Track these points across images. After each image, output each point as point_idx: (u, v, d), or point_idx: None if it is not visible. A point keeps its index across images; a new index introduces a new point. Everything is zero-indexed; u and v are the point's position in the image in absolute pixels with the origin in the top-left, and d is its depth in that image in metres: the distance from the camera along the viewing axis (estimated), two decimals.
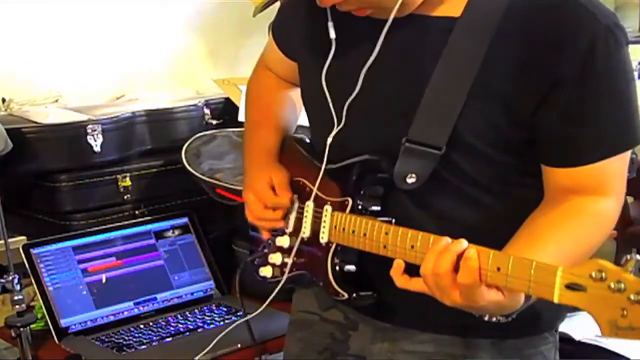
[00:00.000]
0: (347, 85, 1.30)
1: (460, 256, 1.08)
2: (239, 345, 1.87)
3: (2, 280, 1.83)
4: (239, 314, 2.02)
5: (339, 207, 1.32)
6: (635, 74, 1.27)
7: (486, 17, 1.20)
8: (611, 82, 1.19)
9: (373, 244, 1.23)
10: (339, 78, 1.33)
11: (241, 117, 2.34)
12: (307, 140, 1.51)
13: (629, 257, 0.96)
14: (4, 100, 2.38)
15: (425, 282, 1.12)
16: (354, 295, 1.32)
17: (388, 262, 1.20)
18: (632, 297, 0.93)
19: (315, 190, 1.38)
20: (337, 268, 1.32)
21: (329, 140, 1.34)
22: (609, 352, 1.93)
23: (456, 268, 1.08)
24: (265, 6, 3.04)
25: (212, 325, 2.01)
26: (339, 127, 1.33)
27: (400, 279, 1.15)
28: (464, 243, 1.09)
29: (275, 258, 1.43)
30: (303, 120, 1.55)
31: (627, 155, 1.23)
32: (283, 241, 1.42)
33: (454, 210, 1.27)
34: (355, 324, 1.44)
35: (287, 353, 1.57)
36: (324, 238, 1.34)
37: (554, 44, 1.17)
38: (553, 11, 1.18)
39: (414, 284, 1.14)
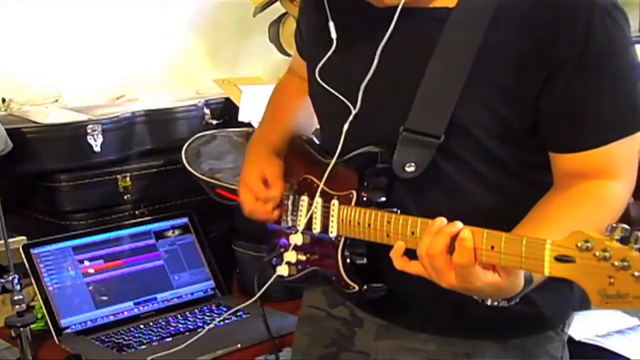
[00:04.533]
0: (356, 73, 1.31)
1: (454, 237, 1.09)
2: (239, 345, 1.87)
3: (2, 280, 1.83)
4: (238, 314, 2.03)
5: (345, 201, 1.34)
6: None
7: (481, 5, 1.21)
8: (612, 64, 1.19)
9: (377, 234, 1.25)
10: (347, 66, 1.34)
11: (241, 117, 2.34)
12: (317, 141, 1.52)
13: (614, 225, 0.97)
14: (4, 100, 2.38)
15: (421, 264, 1.13)
16: (365, 287, 1.33)
17: None
18: (616, 263, 0.94)
19: (320, 183, 1.39)
20: (348, 260, 1.34)
21: (345, 127, 1.34)
22: (609, 352, 1.93)
23: (450, 249, 1.09)
24: (265, 6, 3.05)
25: (212, 326, 2.00)
26: (355, 112, 1.33)
27: (399, 261, 1.16)
28: (458, 225, 1.10)
29: (290, 256, 1.44)
30: None
31: (636, 137, 1.22)
32: (296, 239, 1.43)
33: (451, 202, 1.27)
34: (361, 322, 1.45)
35: (295, 347, 1.60)
36: (332, 232, 1.35)
37: (551, 28, 1.17)
38: None
39: (412, 267, 1.15)
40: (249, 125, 2.32)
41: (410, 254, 1.17)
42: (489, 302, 1.16)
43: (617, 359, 1.91)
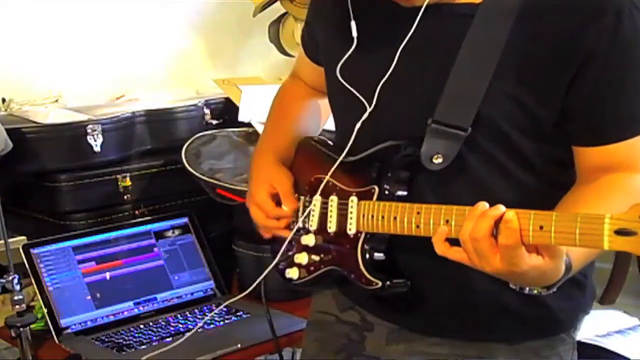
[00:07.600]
0: (375, 72, 1.31)
1: (498, 221, 1.08)
2: (239, 345, 1.88)
3: (2, 280, 1.83)
4: (238, 314, 2.03)
5: (365, 196, 1.31)
6: None
7: (507, 0, 1.21)
8: (638, 56, 1.20)
9: (405, 226, 1.22)
10: (367, 64, 1.34)
11: (241, 117, 2.34)
12: (329, 142, 1.50)
13: None
14: (4, 100, 2.38)
15: (464, 249, 1.11)
16: (388, 283, 1.30)
17: (416, 251, 1.24)
18: None
19: (327, 178, 1.38)
20: (367, 256, 1.31)
21: (358, 125, 1.34)
22: (609, 352, 1.93)
23: (494, 233, 1.08)
24: (265, 6, 3.05)
25: (212, 325, 2.01)
26: (370, 111, 1.33)
27: (441, 246, 1.14)
28: (501, 208, 1.08)
29: (301, 258, 1.40)
30: (330, 125, 1.55)
31: None
32: (308, 240, 1.39)
33: (473, 197, 1.24)
34: (371, 326, 1.44)
35: (305, 352, 1.58)
36: (351, 229, 1.32)
37: (580, 20, 1.17)
38: None
39: (453, 252, 1.13)
40: (249, 125, 2.32)
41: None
42: (527, 290, 1.16)
43: (617, 359, 1.92)
